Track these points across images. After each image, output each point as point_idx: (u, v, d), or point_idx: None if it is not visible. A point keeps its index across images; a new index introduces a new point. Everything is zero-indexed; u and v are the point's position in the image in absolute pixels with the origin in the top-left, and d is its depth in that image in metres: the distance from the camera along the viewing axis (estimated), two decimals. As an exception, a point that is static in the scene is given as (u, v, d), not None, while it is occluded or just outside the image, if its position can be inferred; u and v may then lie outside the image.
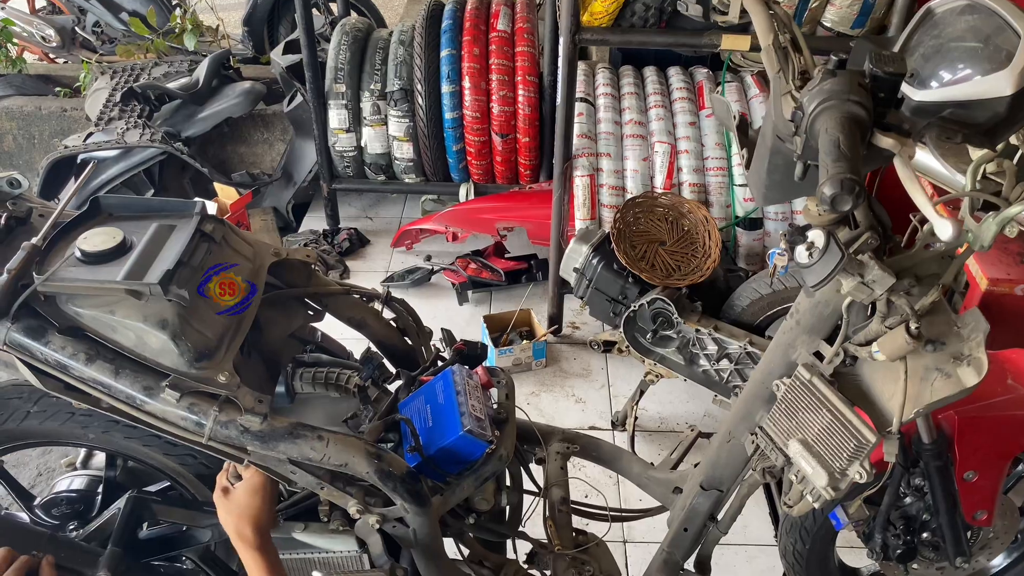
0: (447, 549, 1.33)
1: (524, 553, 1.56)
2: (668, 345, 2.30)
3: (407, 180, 3.46)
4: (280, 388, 1.39)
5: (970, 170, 0.97)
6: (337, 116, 3.29)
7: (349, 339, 1.57)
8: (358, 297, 1.49)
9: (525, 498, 1.55)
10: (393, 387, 1.45)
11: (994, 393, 1.43)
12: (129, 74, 3.74)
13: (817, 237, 0.94)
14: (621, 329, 2.31)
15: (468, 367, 1.39)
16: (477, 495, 1.36)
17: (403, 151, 3.32)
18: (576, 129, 2.77)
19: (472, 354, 1.44)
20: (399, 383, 1.43)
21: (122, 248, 1.15)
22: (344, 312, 1.49)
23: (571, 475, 1.65)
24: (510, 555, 1.56)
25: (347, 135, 3.33)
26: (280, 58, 3.55)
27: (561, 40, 2.41)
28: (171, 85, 3.59)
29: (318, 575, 1.31)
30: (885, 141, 0.83)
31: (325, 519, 1.28)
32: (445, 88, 3.16)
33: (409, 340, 1.55)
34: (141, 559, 1.45)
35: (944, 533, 1.51)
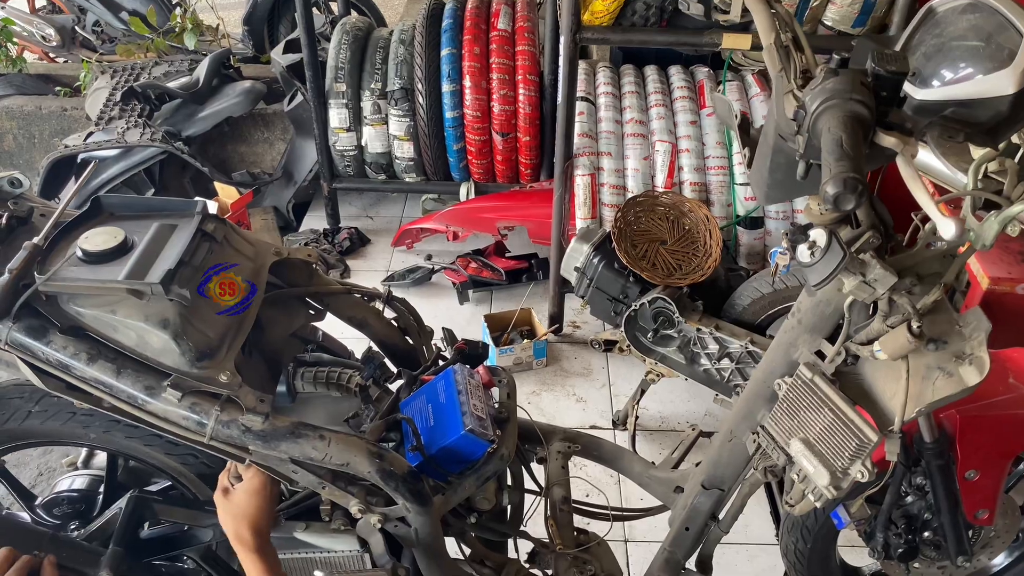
0: (448, 548, 1.33)
1: (525, 552, 1.56)
2: (669, 344, 2.30)
3: (408, 179, 3.46)
4: (281, 387, 1.39)
5: (972, 169, 0.97)
6: (338, 115, 3.29)
7: (350, 338, 1.57)
8: (359, 296, 1.49)
9: (526, 497, 1.55)
10: (394, 386, 1.45)
11: (996, 392, 1.43)
12: (129, 73, 3.74)
13: (819, 236, 0.94)
14: (622, 328, 2.31)
15: (469, 366, 1.38)
16: (478, 494, 1.36)
17: (404, 150, 3.32)
18: (577, 128, 2.77)
19: (473, 353, 1.44)
20: (400, 382, 1.43)
21: (123, 248, 1.15)
22: (345, 311, 1.49)
23: (572, 474, 1.65)
24: (511, 554, 1.56)
25: (347, 134, 3.33)
26: (280, 57, 3.55)
27: (562, 39, 2.41)
28: (171, 84, 3.59)
29: (320, 575, 1.30)
30: (887, 140, 0.83)
31: (327, 519, 1.28)
32: (446, 87, 3.16)
33: (410, 339, 1.55)
34: (142, 559, 1.45)
35: (946, 532, 1.51)
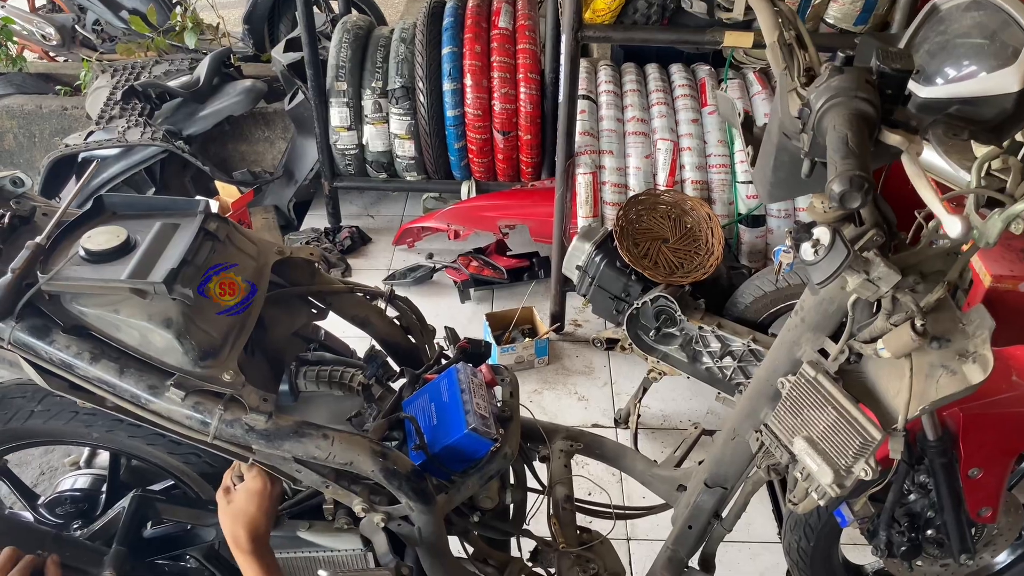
0: (451, 547, 1.33)
1: (528, 551, 1.56)
2: (671, 343, 2.30)
3: (408, 178, 3.46)
4: (284, 387, 1.39)
5: (975, 167, 0.97)
6: (338, 114, 3.29)
7: (352, 337, 1.57)
8: (362, 295, 1.49)
9: (529, 496, 1.55)
10: (397, 385, 1.45)
11: (999, 390, 1.43)
12: (130, 72, 3.74)
13: (823, 234, 0.94)
14: (624, 327, 2.31)
15: (472, 365, 1.39)
16: (481, 493, 1.36)
17: (404, 149, 3.32)
18: (578, 126, 2.77)
19: (476, 352, 1.45)
20: (403, 381, 1.43)
21: (126, 247, 1.15)
22: (348, 310, 1.49)
23: (575, 473, 1.65)
24: (514, 553, 1.56)
25: (348, 133, 3.33)
26: (281, 56, 3.54)
27: (563, 37, 2.40)
28: (172, 83, 3.59)
29: (323, 574, 1.31)
30: (892, 138, 0.83)
31: (330, 517, 1.28)
32: (447, 86, 3.15)
33: (412, 338, 1.55)
34: (145, 558, 1.45)
35: (948, 530, 1.51)
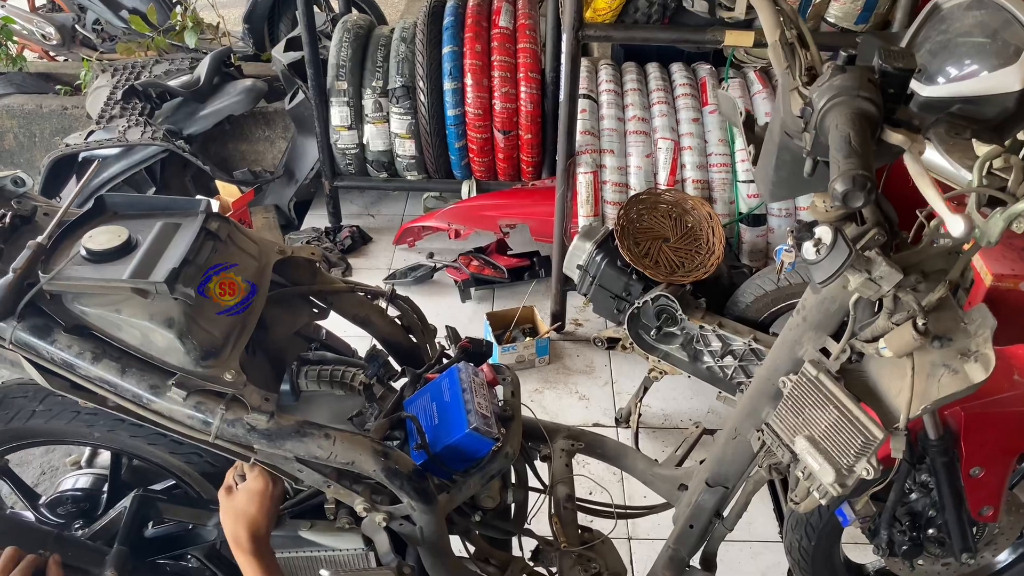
0: (453, 546, 1.33)
1: (529, 550, 1.56)
2: (672, 342, 2.30)
3: (409, 177, 3.45)
4: (285, 386, 1.39)
5: (977, 166, 0.97)
6: (339, 113, 3.29)
7: (353, 337, 1.57)
8: (363, 295, 1.49)
9: (530, 495, 1.55)
10: (398, 385, 1.45)
11: (1000, 389, 1.43)
12: (130, 72, 3.74)
13: (824, 233, 0.94)
14: (625, 326, 2.31)
15: (473, 364, 1.38)
16: (483, 492, 1.36)
17: (405, 148, 3.32)
18: (579, 126, 2.77)
19: (477, 351, 1.44)
20: (404, 381, 1.43)
21: (127, 246, 1.15)
22: (349, 310, 1.49)
23: (576, 472, 1.65)
24: (516, 552, 1.56)
25: (349, 132, 3.33)
26: (281, 55, 3.54)
27: (564, 36, 2.40)
28: (172, 83, 3.59)
29: (325, 573, 1.31)
30: (895, 137, 0.83)
31: (331, 517, 1.28)
32: (447, 85, 3.15)
33: (414, 338, 1.55)
34: (147, 558, 1.45)
35: (950, 529, 1.51)
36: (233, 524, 1.19)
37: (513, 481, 1.52)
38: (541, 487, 1.59)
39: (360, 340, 1.53)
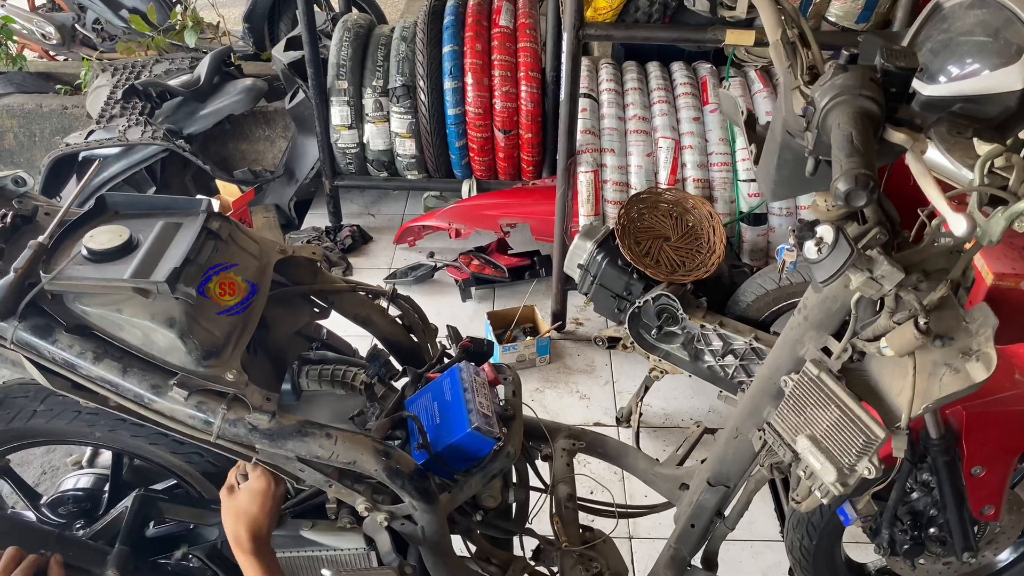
0: (454, 546, 1.33)
1: (531, 550, 1.56)
2: (673, 341, 2.30)
3: (409, 177, 3.45)
4: (286, 386, 1.39)
5: (978, 165, 0.97)
6: (339, 113, 3.29)
7: (354, 336, 1.57)
8: (364, 294, 1.49)
9: (532, 495, 1.55)
10: (399, 384, 1.45)
11: (1002, 388, 1.43)
12: (130, 71, 3.74)
13: (826, 232, 0.94)
14: (626, 325, 2.31)
15: (475, 364, 1.38)
16: (484, 492, 1.36)
17: (405, 147, 3.32)
18: (580, 125, 2.77)
19: (478, 351, 1.44)
20: (405, 380, 1.43)
21: (128, 246, 1.15)
22: (350, 309, 1.48)
23: (577, 472, 1.65)
24: (517, 552, 1.56)
25: (349, 132, 3.33)
26: (282, 55, 3.54)
27: (564, 35, 2.40)
28: (172, 82, 3.59)
29: (327, 573, 1.30)
30: (897, 136, 0.83)
31: (333, 517, 1.28)
32: (447, 84, 3.15)
33: (415, 337, 1.55)
34: (148, 557, 1.45)
35: (951, 528, 1.51)
36: (234, 524, 1.19)
37: (514, 480, 1.52)
38: (542, 486, 1.59)
39: (361, 339, 1.53)
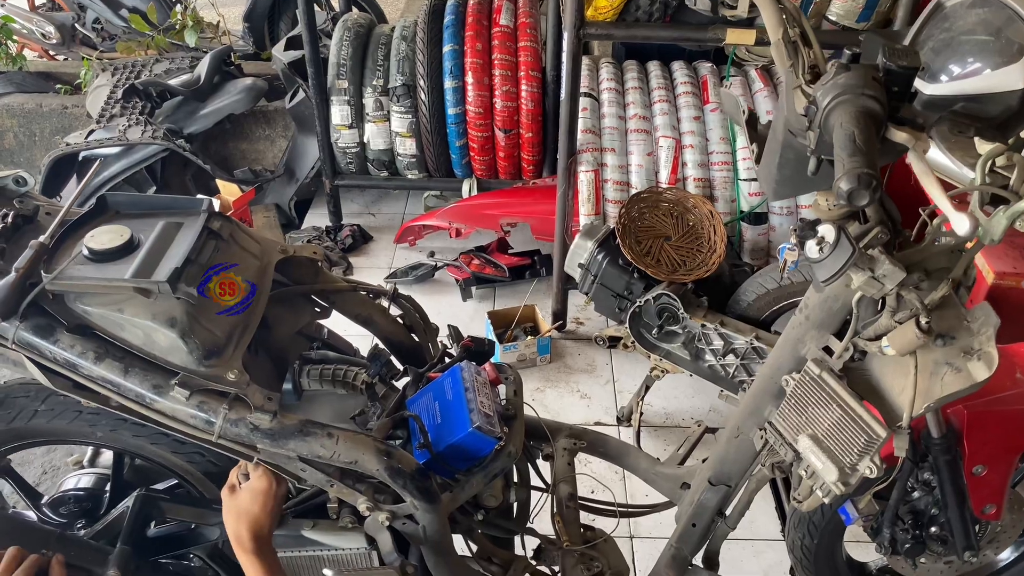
0: (455, 546, 1.33)
1: (532, 549, 1.56)
2: (674, 340, 2.29)
3: (410, 176, 3.45)
4: (287, 385, 1.39)
5: (980, 163, 0.97)
6: (339, 112, 3.29)
7: (355, 336, 1.57)
8: (365, 294, 1.49)
9: (533, 494, 1.55)
10: (400, 384, 1.45)
11: (1003, 387, 1.43)
12: (130, 71, 3.73)
13: (828, 232, 0.94)
14: (626, 324, 2.31)
15: (476, 363, 1.38)
16: (486, 491, 1.36)
17: (406, 147, 3.32)
18: (580, 124, 2.76)
19: (480, 350, 1.44)
20: (406, 380, 1.43)
21: (130, 246, 1.15)
22: (351, 309, 1.48)
23: (578, 471, 1.65)
24: (518, 551, 1.56)
25: (349, 131, 3.33)
26: (282, 54, 3.54)
27: (565, 35, 2.40)
28: (172, 82, 3.59)
29: (328, 573, 1.30)
30: (899, 135, 0.83)
31: (334, 516, 1.28)
32: (448, 84, 3.15)
33: (416, 337, 1.55)
34: (150, 557, 1.45)
35: (953, 527, 1.51)
36: (236, 523, 1.19)
37: (515, 480, 1.52)
38: (543, 486, 1.59)
39: (362, 339, 1.53)
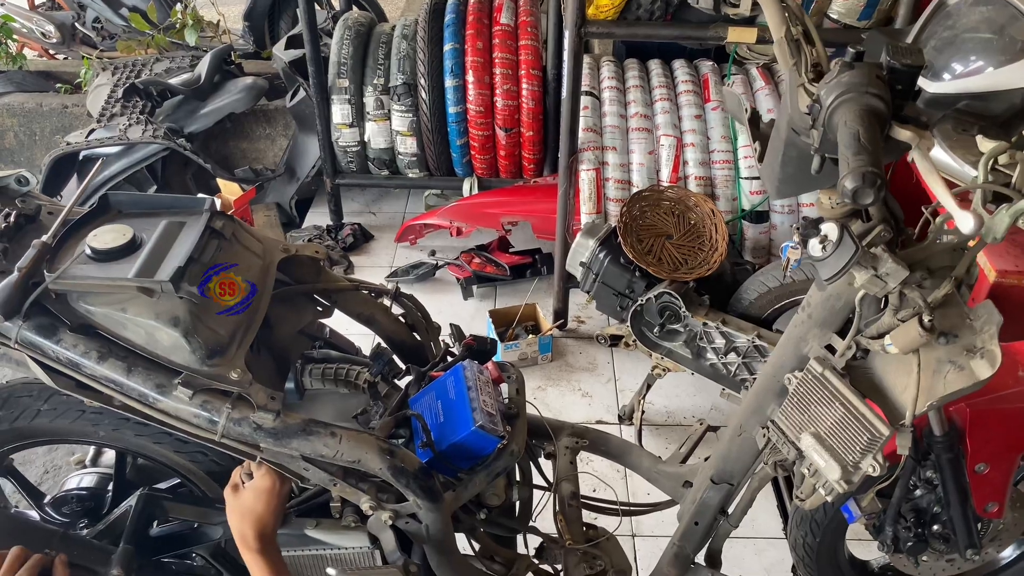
0: (458, 544, 1.33)
1: (534, 548, 1.56)
2: (675, 339, 2.29)
3: (410, 175, 3.45)
4: (290, 384, 1.39)
5: (982, 162, 0.96)
6: (340, 111, 3.29)
7: (357, 335, 1.57)
8: (367, 293, 1.49)
9: (535, 493, 1.55)
10: (403, 383, 1.45)
11: (1005, 385, 1.43)
12: (131, 70, 3.73)
13: (831, 230, 0.94)
14: (628, 323, 2.31)
15: (478, 362, 1.38)
16: (488, 490, 1.36)
17: (406, 146, 3.32)
18: (581, 123, 2.76)
19: (482, 349, 1.44)
20: (409, 379, 1.43)
21: (132, 245, 1.14)
22: (353, 308, 1.48)
23: (580, 470, 1.65)
24: (521, 550, 1.56)
25: (350, 130, 3.32)
26: (282, 53, 3.54)
27: (566, 33, 2.40)
28: (173, 81, 3.59)
29: (331, 571, 1.30)
30: (903, 134, 0.83)
31: (337, 515, 1.28)
32: (448, 82, 3.15)
33: (418, 335, 1.55)
34: (152, 556, 1.45)
35: (955, 525, 1.51)
36: (239, 522, 1.19)
37: (518, 479, 1.52)
38: (546, 485, 1.59)
39: (364, 338, 1.53)
